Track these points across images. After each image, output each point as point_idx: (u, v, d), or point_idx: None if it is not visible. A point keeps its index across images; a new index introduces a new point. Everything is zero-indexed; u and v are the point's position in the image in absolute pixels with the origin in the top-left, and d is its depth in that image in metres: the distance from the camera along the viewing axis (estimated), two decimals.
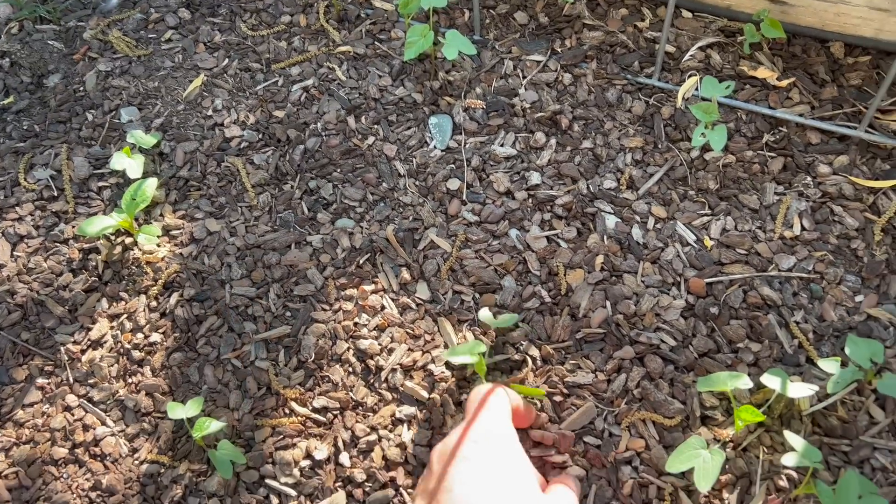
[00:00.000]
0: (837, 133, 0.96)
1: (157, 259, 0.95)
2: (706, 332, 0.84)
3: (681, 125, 0.98)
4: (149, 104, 1.09)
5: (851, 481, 0.69)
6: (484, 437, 0.66)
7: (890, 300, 0.85)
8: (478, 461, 0.64)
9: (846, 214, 0.90)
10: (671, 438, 0.78)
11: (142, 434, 0.85)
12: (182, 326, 0.90)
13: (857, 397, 0.80)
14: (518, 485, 0.63)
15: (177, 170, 1.03)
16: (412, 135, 1.02)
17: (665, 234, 0.91)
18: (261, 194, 0.99)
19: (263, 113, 1.06)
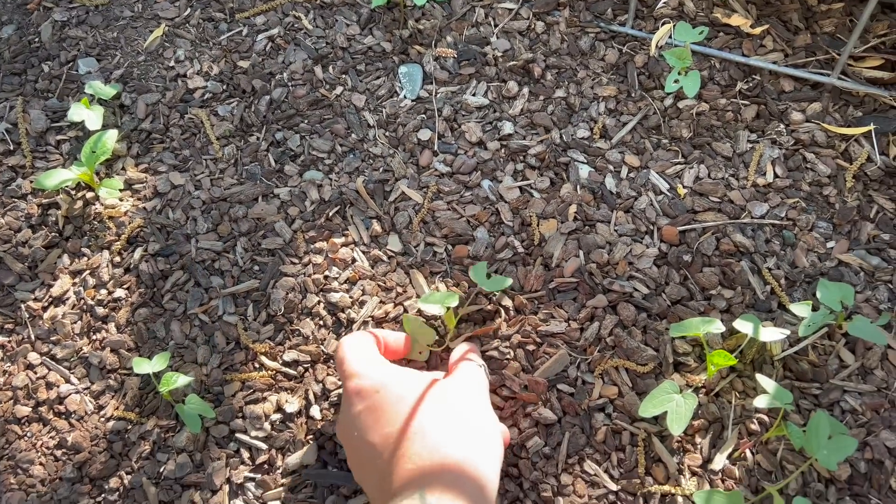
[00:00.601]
0: (810, 80, 0.95)
1: (120, 213, 0.92)
2: (679, 280, 0.84)
3: (654, 73, 0.97)
4: (108, 55, 1.05)
5: (821, 421, 0.69)
6: (458, 388, 0.68)
7: (860, 246, 0.85)
8: (451, 407, 0.65)
9: (818, 161, 0.90)
10: (644, 385, 0.78)
11: (107, 391, 0.83)
12: (147, 282, 0.88)
13: (827, 342, 0.80)
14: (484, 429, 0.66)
15: (138, 122, 0.99)
16: (381, 84, 0.99)
17: (638, 182, 0.90)
18: (226, 146, 0.96)
19: (227, 63, 1.02)
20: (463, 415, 0.66)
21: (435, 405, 0.65)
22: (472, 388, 0.70)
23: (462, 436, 0.63)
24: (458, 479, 0.59)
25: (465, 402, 0.67)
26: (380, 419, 0.65)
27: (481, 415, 0.67)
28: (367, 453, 0.65)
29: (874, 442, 0.75)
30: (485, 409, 0.69)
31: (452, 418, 0.65)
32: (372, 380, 0.68)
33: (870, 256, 0.84)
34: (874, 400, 0.77)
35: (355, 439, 0.66)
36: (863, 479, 0.73)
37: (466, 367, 0.73)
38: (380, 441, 0.64)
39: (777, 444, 0.75)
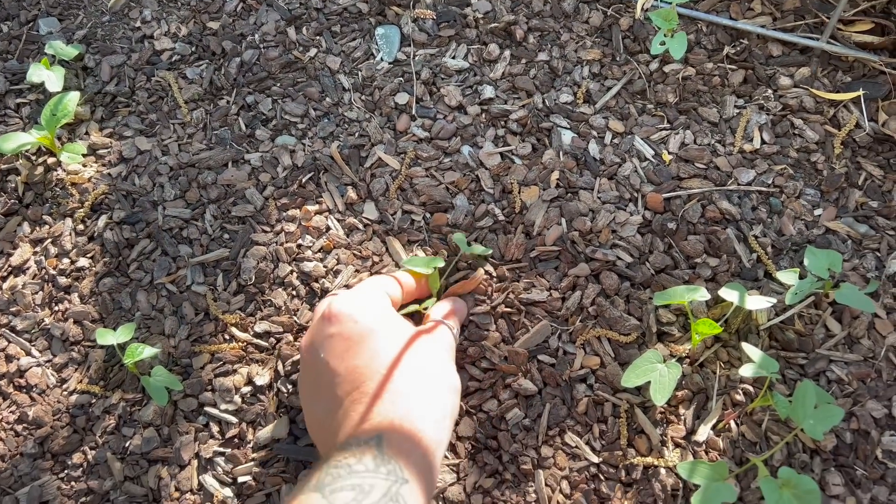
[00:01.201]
0: (799, 45, 0.93)
1: (83, 180, 0.88)
2: (663, 248, 0.81)
3: (640, 37, 0.94)
4: (70, 15, 1.00)
5: (808, 391, 0.68)
6: (430, 346, 0.68)
7: (848, 213, 0.83)
8: (422, 369, 0.64)
9: (806, 127, 0.88)
10: (627, 355, 0.76)
11: (70, 364, 0.80)
12: (112, 250, 0.84)
13: (814, 311, 0.78)
14: (448, 396, 0.65)
15: (103, 85, 0.95)
16: (357, 46, 0.95)
17: (622, 149, 0.87)
18: (194, 110, 0.92)
19: (197, 24, 0.98)
20: (433, 379, 0.64)
21: (410, 364, 0.63)
22: (442, 348, 0.68)
23: (430, 407, 0.61)
24: (413, 449, 0.57)
25: (435, 364, 0.65)
26: (351, 349, 0.63)
27: (447, 380, 0.65)
28: (328, 380, 0.63)
29: (860, 412, 0.73)
30: (450, 372, 0.67)
31: (425, 384, 0.63)
32: (352, 307, 0.66)
33: (857, 224, 0.82)
34: (861, 369, 0.75)
35: (319, 362, 0.64)
36: (848, 449, 0.72)
37: (440, 327, 0.70)
38: (345, 372, 0.62)
39: (762, 415, 0.73)
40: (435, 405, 0.62)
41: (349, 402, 0.61)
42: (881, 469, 0.71)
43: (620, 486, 0.71)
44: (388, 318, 0.67)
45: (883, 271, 0.80)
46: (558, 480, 0.71)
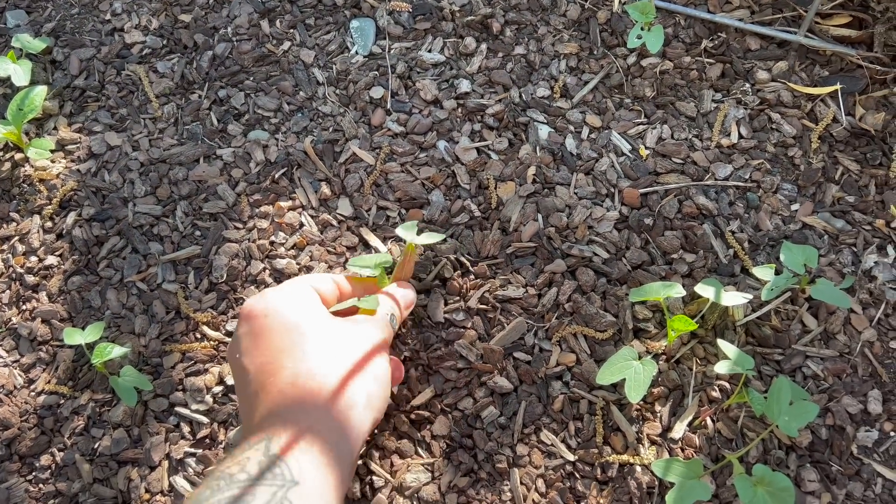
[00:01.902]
0: (777, 38, 0.92)
1: (52, 176, 0.86)
2: (640, 244, 0.81)
3: (617, 30, 0.93)
4: (38, 7, 0.98)
5: (783, 387, 0.67)
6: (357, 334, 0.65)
7: (825, 208, 0.83)
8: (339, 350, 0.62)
9: (784, 122, 0.87)
10: (603, 352, 0.75)
11: (38, 364, 0.78)
12: (81, 248, 0.83)
13: (790, 306, 0.78)
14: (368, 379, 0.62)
15: (72, 79, 0.93)
16: (332, 39, 0.94)
17: (599, 143, 0.86)
18: (165, 105, 0.91)
19: (168, 17, 0.96)
20: (347, 370, 0.60)
21: (322, 356, 0.59)
22: (367, 338, 0.64)
23: (338, 398, 0.57)
24: (310, 445, 0.53)
25: (353, 353, 0.61)
26: (260, 346, 0.60)
27: (368, 369, 0.61)
28: (242, 380, 0.60)
29: (836, 408, 0.73)
30: (374, 361, 0.62)
31: (335, 374, 0.59)
32: (265, 304, 0.62)
33: (834, 219, 0.82)
34: (836, 365, 0.75)
35: (236, 363, 0.62)
36: (824, 445, 0.72)
37: (370, 318, 0.66)
38: (254, 371, 0.59)
39: (738, 412, 0.73)
40: (346, 395, 0.58)
41: (255, 401, 0.58)
42: (856, 465, 0.71)
43: (596, 485, 0.70)
44: (305, 312, 0.63)
45: (859, 266, 0.79)
46: (534, 479, 0.71)
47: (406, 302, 0.72)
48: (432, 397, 0.74)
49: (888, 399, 0.74)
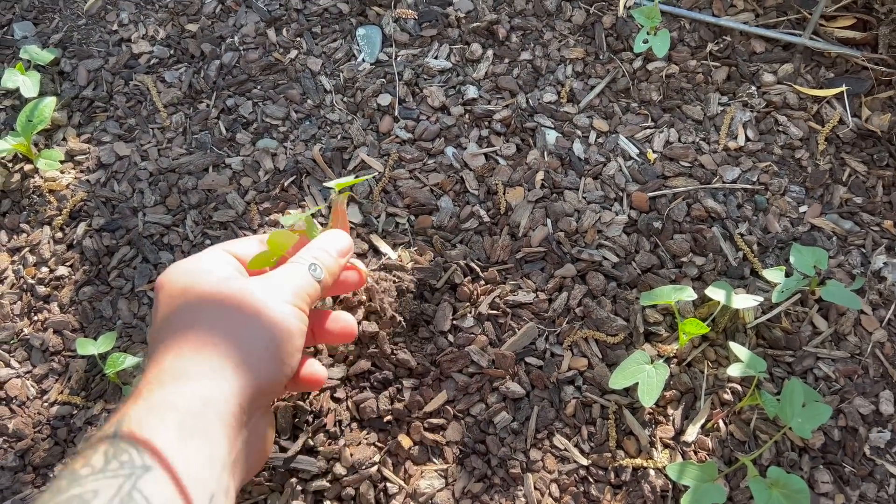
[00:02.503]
0: (782, 41, 0.93)
1: (61, 186, 0.87)
2: (649, 248, 0.81)
3: (623, 34, 0.93)
4: (45, 18, 0.98)
5: (795, 389, 0.67)
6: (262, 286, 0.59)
7: (833, 210, 0.83)
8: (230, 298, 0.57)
9: (790, 124, 0.88)
10: (614, 356, 0.76)
11: (51, 374, 0.79)
12: (91, 258, 0.83)
13: (800, 308, 0.78)
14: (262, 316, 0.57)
15: (80, 90, 0.93)
16: (339, 47, 0.94)
17: (607, 148, 0.87)
18: (174, 114, 0.91)
19: (175, 27, 0.97)
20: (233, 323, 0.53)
21: (209, 304, 0.54)
22: (275, 288, 0.57)
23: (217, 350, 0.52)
24: (170, 412, 0.47)
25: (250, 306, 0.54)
26: (155, 318, 0.57)
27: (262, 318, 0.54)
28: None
29: (847, 409, 0.73)
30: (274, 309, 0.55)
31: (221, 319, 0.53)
32: (162, 275, 0.58)
33: (842, 220, 0.82)
34: (847, 366, 0.75)
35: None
36: (836, 446, 0.72)
37: (283, 267, 0.60)
38: (149, 344, 0.57)
39: (750, 414, 0.73)
40: (230, 349, 0.51)
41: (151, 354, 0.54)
42: (869, 466, 0.71)
43: (610, 489, 0.70)
44: (195, 277, 0.56)
45: (868, 267, 0.80)
46: (547, 484, 0.71)
47: (337, 247, 0.65)
48: (445, 403, 0.74)
49: None
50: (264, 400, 0.57)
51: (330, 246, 0.64)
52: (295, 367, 0.57)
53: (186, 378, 0.49)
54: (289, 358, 0.55)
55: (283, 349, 0.55)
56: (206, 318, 0.53)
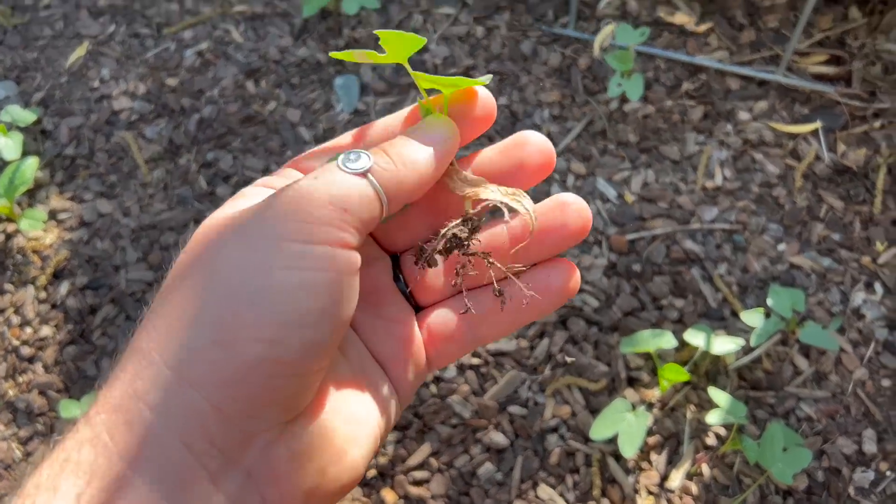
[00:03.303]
0: (757, 78, 0.94)
1: (45, 246, 0.87)
2: (630, 291, 0.81)
3: (598, 76, 0.94)
4: (28, 77, 1.00)
5: (776, 434, 0.67)
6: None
7: (811, 247, 0.83)
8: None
9: (767, 161, 0.88)
10: (597, 402, 0.76)
11: (36, 436, 0.79)
12: (75, 317, 0.83)
13: (781, 348, 0.78)
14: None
15: (62, 148, 0.94)
16: (317, 98, 0.95)
17: (585, 191, 0.87)
18: (155, 170, 0.92)
19: (155, 82, 0.98)
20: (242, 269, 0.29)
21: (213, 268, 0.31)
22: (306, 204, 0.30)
23: (204, 318, 0.29)
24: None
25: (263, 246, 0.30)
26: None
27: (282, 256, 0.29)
28: None
29: (831, 449, 0.73)
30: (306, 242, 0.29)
31: (217, 284, 0.30)
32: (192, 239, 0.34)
33: (821, 258, 0.83)
34: (829, 406, 0.75)
35: None
36: (821, 488, 0.72)
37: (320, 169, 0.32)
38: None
39: (734, 458, 0.73)
40: (232, 302, 0.29)
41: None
42: None
43: None
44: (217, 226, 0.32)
45: (847, 305, 0.80)
46: None
47: (441, 141, 0.34)
48: (428, 455, 0.74)
49: (883, 438, 0.74)
50: (252, 424, 0.30)
51: (433, 137, 0.34)
52: (297, 354, 0.30)
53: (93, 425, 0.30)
54: (256, 348, 0.29)
55: (242, 336, 0.29)
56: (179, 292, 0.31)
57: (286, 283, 0.28)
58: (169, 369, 0.29)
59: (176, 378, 0.29)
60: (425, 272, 0.37)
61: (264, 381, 0.28)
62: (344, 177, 0.30)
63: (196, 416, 0.28)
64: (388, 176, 0.32)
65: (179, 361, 0.29)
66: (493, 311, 0.36)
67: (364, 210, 0.31)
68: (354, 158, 0.31)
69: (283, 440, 0.30)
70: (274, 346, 0.28)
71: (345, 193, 0.30)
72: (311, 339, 0.29)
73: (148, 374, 0.29)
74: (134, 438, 0.28)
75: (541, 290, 0.35)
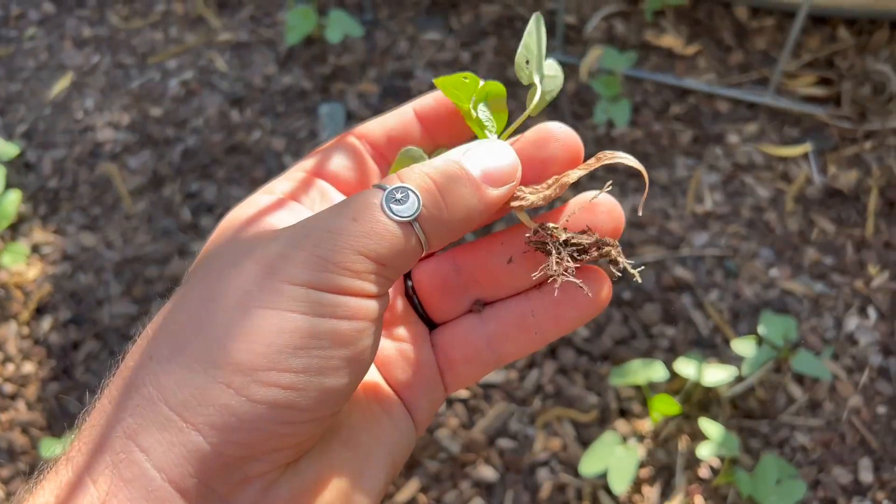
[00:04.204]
0: (746, 101, 0.93)
1: (27, 280, 0.86)
2: (620, 319, 0.80)
3: (586, 100, 0.94)
4: (11, 109, 0.99)
5: (769, 467, 0.66)
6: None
7: (804, 271, 0.82)
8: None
9: (757, 185, 0.87)
10: (588, 435, 0.74)
11: (18, 476, 0.77)
12: (58, 353, 0.82)
13: (774, 375, 0.77)
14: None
15: (45, 180, 0.93)
16: (302, 126, 0.94)
17: None
18: (138, 202, 0.91)
19: (139, 112, 0.97)
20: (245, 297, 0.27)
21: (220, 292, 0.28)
22: (325, 239, 0.27)
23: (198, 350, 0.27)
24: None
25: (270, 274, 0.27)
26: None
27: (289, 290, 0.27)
28: None
29: (826, 479, 0.72)
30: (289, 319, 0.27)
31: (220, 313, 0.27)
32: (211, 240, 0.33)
33: (813, 282, 0.82)
34: (824, 435, 0.74)
35: None
36: None
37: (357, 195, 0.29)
38: None
39: (727, 489, 0.72)
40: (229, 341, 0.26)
41: None
42: None
43: None
44: (229, 234, 0.32)
45: (840, 331, 0.79)
46: None
47: (488, 162, 0.31)
48: (417, 491, 0.73)
49: (879, 467, 0.72)
50: (253, 466, 0.27)
51: (465, 157, 0.30)
52: (313, 400, 0.27)
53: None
54: (270, 393, 0.27)
55: (257, 380, 0.27)
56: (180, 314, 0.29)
57: (308, 329, 0.26)
58: (170, 409, 0.26)
59: (177, 419, 0.26)
60: (441, 290, 0.33)
61: (275, 428, 0.26)
62: (387, 224, 0.27)
63: (195, 460, 0.26)
64: (437, 223, 0.28)
65: (181, 402, 0.26)
66: (517, 326, 0.32)
67: (403, 262, 0.28)
68: (401, 198, 0.27)
69: (284, 480, 0.28)
70: (289, 393, 0.26)
71: (386, 246, 0.27)
72: (330, 386, 0.27)
73: (143, 412, 0.26)
74: (122, 486, 0.26)
75: (568, 302, 0.32)
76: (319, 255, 0.26)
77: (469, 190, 0.29)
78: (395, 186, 0.27)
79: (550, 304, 0.32)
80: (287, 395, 0.26)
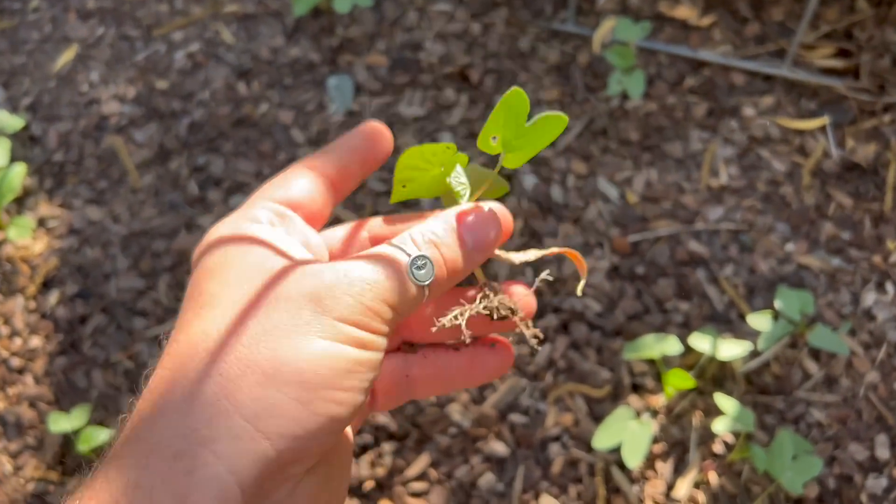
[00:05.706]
0: (762, 73, 0.91)
1: (34, 254, 0.85)
2: (633, 294, 0.79)
3: (599, 73, 0.92)
4: (15, 82, 0.98)
5: (785, 442, 0.65)
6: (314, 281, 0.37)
7: (820, 246, 0.81)
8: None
9: (773, 159, 0.86)
10: (600, 409, 0.74)
11: (26, 450, 0.77)
12: (65, 327, 0.81)
13: (790, 351, 0.76)
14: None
15: (50, 154, 0.92)
16: (310, 99, 0.93)
17: (586, 191, 0.85)
18: (145, 175, 0.90)
19: (144, 85, 0.96)
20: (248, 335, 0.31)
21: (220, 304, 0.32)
22: (318, 287, 0.32)
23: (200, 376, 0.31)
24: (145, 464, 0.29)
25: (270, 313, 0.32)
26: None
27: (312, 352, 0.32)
28: None
29: (842, 456, 0.71)
30: (324, 347, 0.32)
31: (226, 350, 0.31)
32: (202, 247, 0.35)
33: (830, 257, 0.80)
34: (840, 411, 0.73)
35: None
36: (832, 496, 0.69)
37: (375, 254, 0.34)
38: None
39: (742, 466, 0.71)
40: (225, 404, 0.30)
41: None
42: None
43: None
44: (216, 252, 0.34)
45: (858, 306, 0.77)
46: None
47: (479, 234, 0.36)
48: (427, 466, 0.72)
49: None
50: (295, 468, 0.33)
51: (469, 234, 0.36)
52: (350, 413, 0.33)
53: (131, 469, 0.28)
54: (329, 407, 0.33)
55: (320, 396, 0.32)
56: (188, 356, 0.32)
57: (355, 357, 0.33)
58: (244, 420, 0.31)
59: (251, 429, 0.31)
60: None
61: (326, 437, 0.33)
62: (410, 287, 0.34)
63: (261, 463, 0.31)
64: (440, 285, 0.35)
65: (255, 413, 0.31)
66: (433, 376, 0.39)
67: (410, 310, 0.35)
68: (421, 265, 0.35)
69: (305, 480, 0.34)
70: (340, 408, 0.32)
71: (406, 302, 0.34)
72: (360, 402, 0.33)
73: (217, 423, 0.31)
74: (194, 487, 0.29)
75: (478, 365, 0.39)
76: (362, 302, 0.33)
77: (464, 259, 0.36)
78: (418, 255, 0.35)
79: (465, 362, 0.39)
80: (339, 409, 0.32)
